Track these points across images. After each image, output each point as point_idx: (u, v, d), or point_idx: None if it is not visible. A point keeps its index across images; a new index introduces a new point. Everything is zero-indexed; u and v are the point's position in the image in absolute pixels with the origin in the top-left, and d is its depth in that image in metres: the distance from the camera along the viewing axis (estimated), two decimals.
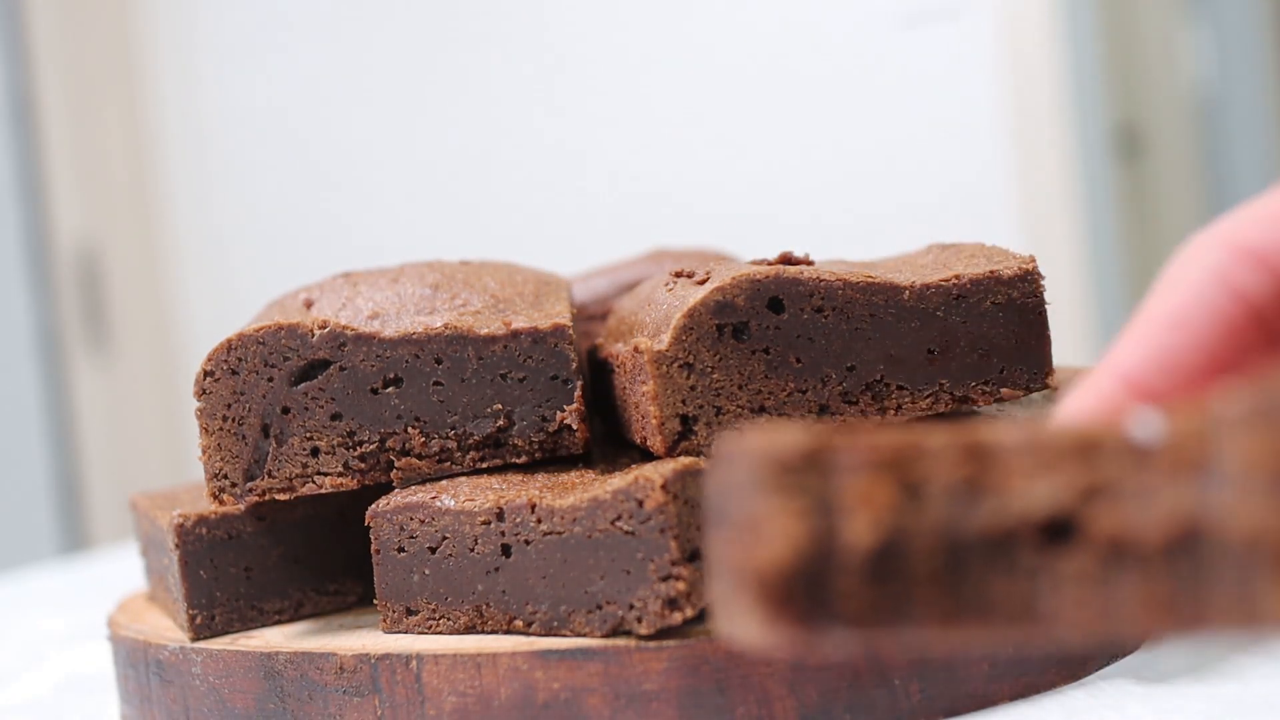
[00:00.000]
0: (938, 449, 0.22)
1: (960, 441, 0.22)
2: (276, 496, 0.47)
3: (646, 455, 0.45)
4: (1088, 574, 0.21)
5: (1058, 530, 0.22)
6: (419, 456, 0.46)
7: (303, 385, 0.46)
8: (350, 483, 0.46)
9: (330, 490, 0.46)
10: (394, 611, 0.45)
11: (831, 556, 0.22)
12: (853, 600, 0.22)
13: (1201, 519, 0.21)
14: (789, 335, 0.44)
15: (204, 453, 0.46)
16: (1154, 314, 0.27)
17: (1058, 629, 0.22)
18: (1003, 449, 0.22)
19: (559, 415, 0.46)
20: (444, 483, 0.46)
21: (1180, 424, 0.21)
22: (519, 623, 0.43)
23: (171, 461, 2.12)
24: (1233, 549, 0.20)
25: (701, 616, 0.41)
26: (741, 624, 0.23)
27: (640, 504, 0.40)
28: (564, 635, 0.42)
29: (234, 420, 0.46)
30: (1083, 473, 0.22)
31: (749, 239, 1.01)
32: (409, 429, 0.46)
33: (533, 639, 0.42)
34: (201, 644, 0.47)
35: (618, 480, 0.41)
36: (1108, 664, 0.44)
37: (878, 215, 1.51)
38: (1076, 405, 0.27)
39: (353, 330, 0.46)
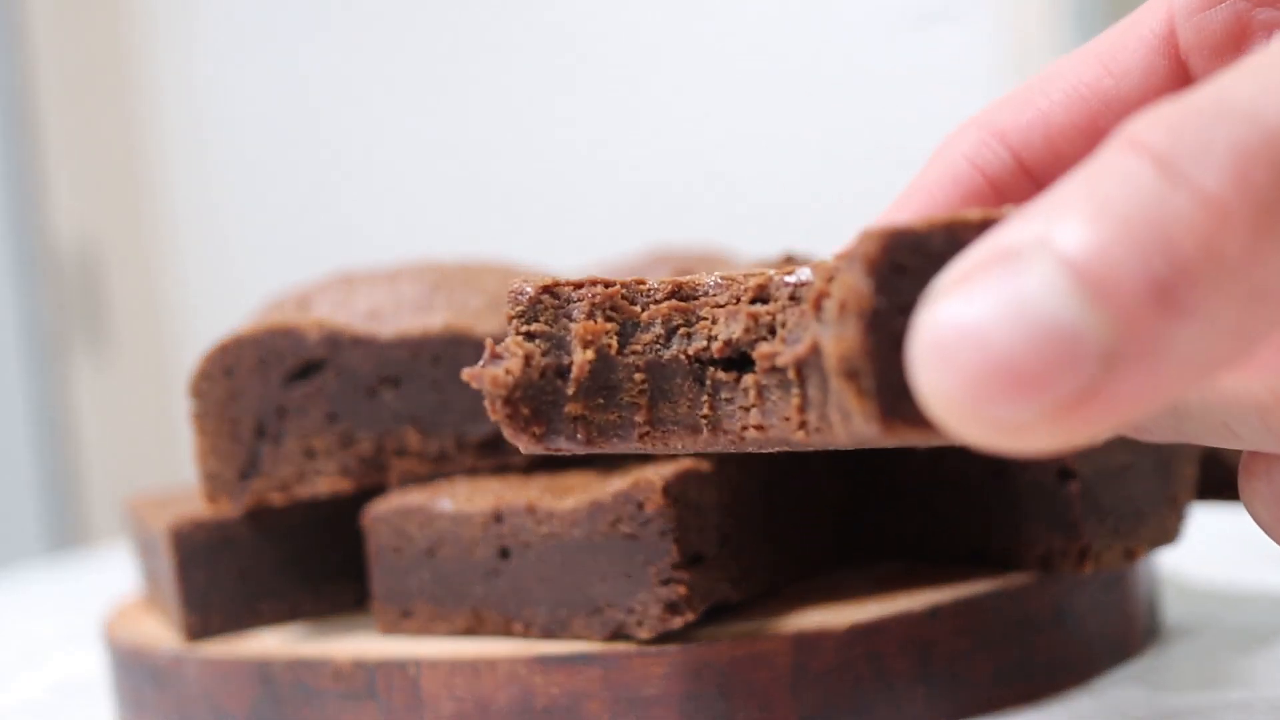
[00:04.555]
0: (651, 292, 0.29)
1: (670, 287, 0.29)
2: (272, 498, 0.46)
3: (647, 456, 0.45)
4: (755, 391, 0.27)
5: (737, 360, 0.28)
6: (416, 458, 0.46)
7: (298, 386, 0.46)
8: (347, 484, 0.46)
9: (326, 492, 0.46)
10: (391, 615, 0.44)
11: (559, 378, 0.29)
12: (577, 412, 0.29)
13: (819, 346, 0.26)
14: None
15: (199, 454, 0.46)
16: (911, 182, 0.34)
17: (736, 438, 0.28)
18: (703, 299, 0.29)
19: None
20: (442, 485, 0.45)
21: (821, 271, 0.26)
22: (517, 626, 0.42)
23: (169, 462, 2.11)
24: (830, 369, 0.25)
25: (703, 620, 0.40)
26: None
27: (641, 506, 0.39)
28: (563, 639, 0.41)
29: (229, 421, 0.46)
30: (755, 313, 0.28)
31: (749, 238, 1.00)
32: (406, 430, 0.46)
33: (531, 643, 0.41)
34: (196, 648, 0.46)
35: (618, 482, 0.40)
36: (1114, 668, 0.43)
37: (879, 215, 1.50)
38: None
39: (349, 331, 0.46)
